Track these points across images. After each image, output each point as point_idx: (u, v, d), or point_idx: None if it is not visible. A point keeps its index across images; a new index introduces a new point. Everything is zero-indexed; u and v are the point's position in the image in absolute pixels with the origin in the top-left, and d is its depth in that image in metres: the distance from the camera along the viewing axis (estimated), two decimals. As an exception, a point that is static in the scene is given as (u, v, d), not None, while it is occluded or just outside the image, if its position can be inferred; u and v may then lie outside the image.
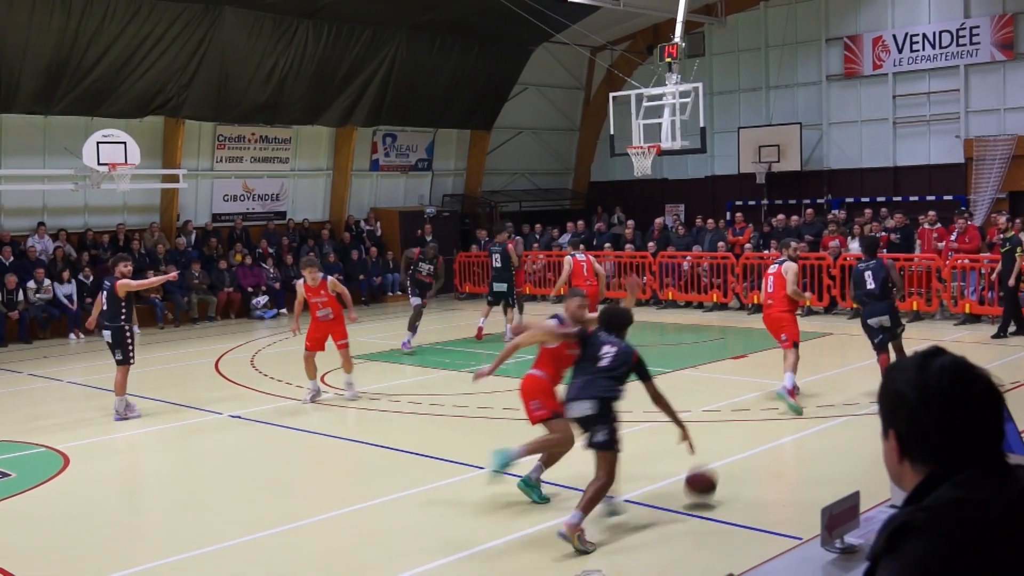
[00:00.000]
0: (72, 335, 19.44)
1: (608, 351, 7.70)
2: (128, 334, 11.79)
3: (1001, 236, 16.39)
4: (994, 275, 16.68)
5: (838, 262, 19.04)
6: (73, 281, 19.90)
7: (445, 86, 25.87)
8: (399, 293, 24.78)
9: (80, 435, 11.00)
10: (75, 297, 19.81)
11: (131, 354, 11.81)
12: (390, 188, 27.21)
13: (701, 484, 7.77)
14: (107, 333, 11.81)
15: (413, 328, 16.27)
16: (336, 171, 25.79)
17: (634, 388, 12.55)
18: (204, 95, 22.08)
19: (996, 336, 15.75)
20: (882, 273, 11.65)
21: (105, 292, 11.82)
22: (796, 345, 11.37)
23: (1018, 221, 17.66)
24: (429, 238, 25.38)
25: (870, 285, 11.58)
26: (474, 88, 26.48)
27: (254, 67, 22.27)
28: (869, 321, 11.62)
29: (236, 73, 22.12)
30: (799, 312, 12.33)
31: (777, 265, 11.65)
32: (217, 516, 8.11)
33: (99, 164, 18.84)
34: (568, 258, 16.53)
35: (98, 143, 18.87)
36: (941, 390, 2.06)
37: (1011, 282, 15.40)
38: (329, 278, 12.56)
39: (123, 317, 11.73)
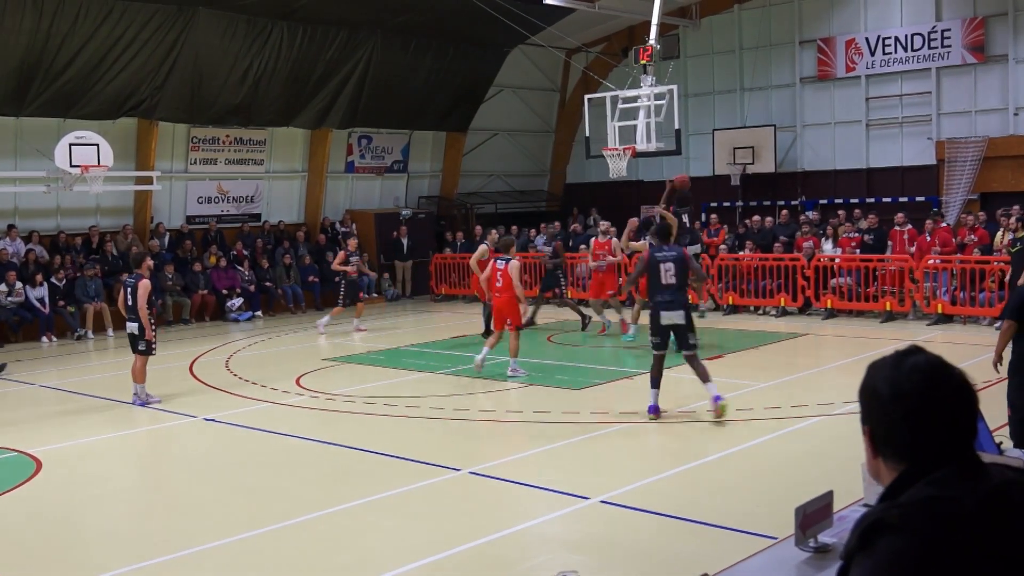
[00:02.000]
0: (44, 338, 19.28)
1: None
2: (153, 326, 12.65)
3: (1012, 236, 16.27)
4: (1007, 278, 16.44)
5: (812, 263, 19.16)
6: (45, 284, 19.72)
7: (420, 88, 25.83)
8: (375, 295, 24.73)
9: (52, 439, 10.91)
10: (47, 300, 19.63)
11: (154, 345, 12.65)
12: (365, 190, 27.14)
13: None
14: (133, 325, 12.58)
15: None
16: (311, 173, 25.69)
17: (608, 392, 12.63)
18: (178, 97, 21.93)
19: None
20: (682, 264, 10.72)
21: (128, 289, 12.63)
22: (518, 329, 13.74)
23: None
24: (405, 240, 25.40)
25: (668, 279, 10.63)
26: (449, 90, 26.46)
27: (228, 69, 22.15)
28: (662, 316, 10.64)
29: (210, 74, 21.98)
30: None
31: (504, 263, 13.73)
32: (191, 520, 8.07)
33: (71, 166, 18.68)
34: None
35: (70, 145, 18.70)
36: (913, 389, 2.08)
37: (1021, 281, 15.30)
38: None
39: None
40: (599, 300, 17.72)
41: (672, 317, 10.58)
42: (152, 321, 12.67)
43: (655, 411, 10.66)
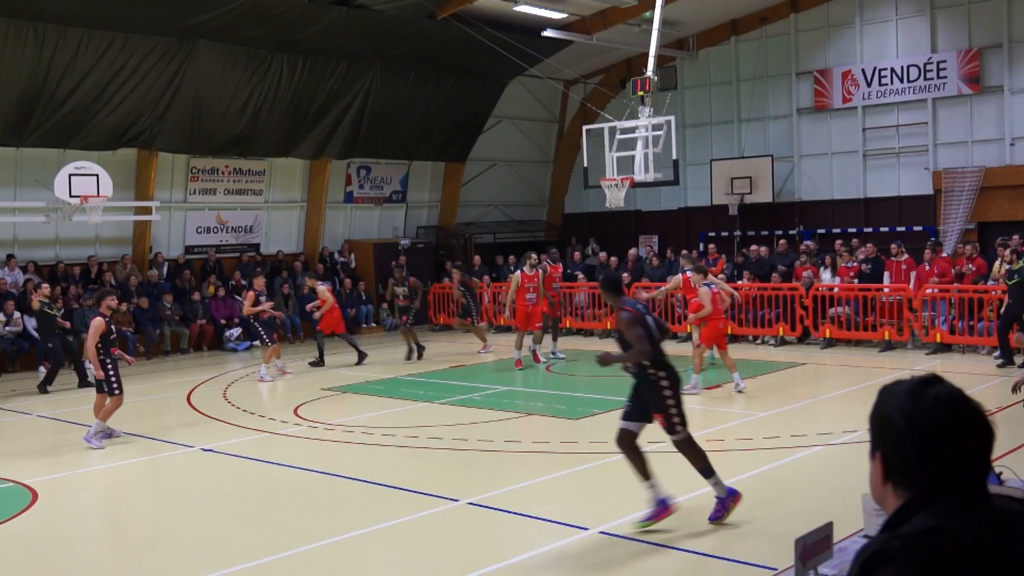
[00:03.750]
0: (41, 367, 19.23)
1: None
2: (110, 367, 12.05)
3: (1008, 267, 16.22)
4: (1003, 309, 16.40)
5: (810, 292, 19.18)
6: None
7: (419, 119, 25.95)
8: (373, 325, 24.74)
9: (49, 469, 10.87)
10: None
11: (114, 384, 12.02)
12: (364, 220, 27.21)
13: None
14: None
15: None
16: (310, 203, 25.76)
17: (606, 421, 12.57)
18: (178, 127, 22.03)
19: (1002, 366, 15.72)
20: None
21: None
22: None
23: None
24: (402, 268, 25.37)
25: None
26: (448, 121, 26.58)
27: (228, 100, 22.26)
28: None
29: (210, 106, 22.08)
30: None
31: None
32: (188, 552, 8.02)
33: (71, 196, 18.74)
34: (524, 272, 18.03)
35: (70, 175, 18.78)
36: (932, 421, 2.06)
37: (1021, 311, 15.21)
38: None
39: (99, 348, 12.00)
40: (526, 332, 17.74)
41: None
42: (109, 360, 12.01)
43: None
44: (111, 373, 12.02)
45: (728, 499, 8.08)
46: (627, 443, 8.20)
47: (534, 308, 17.60)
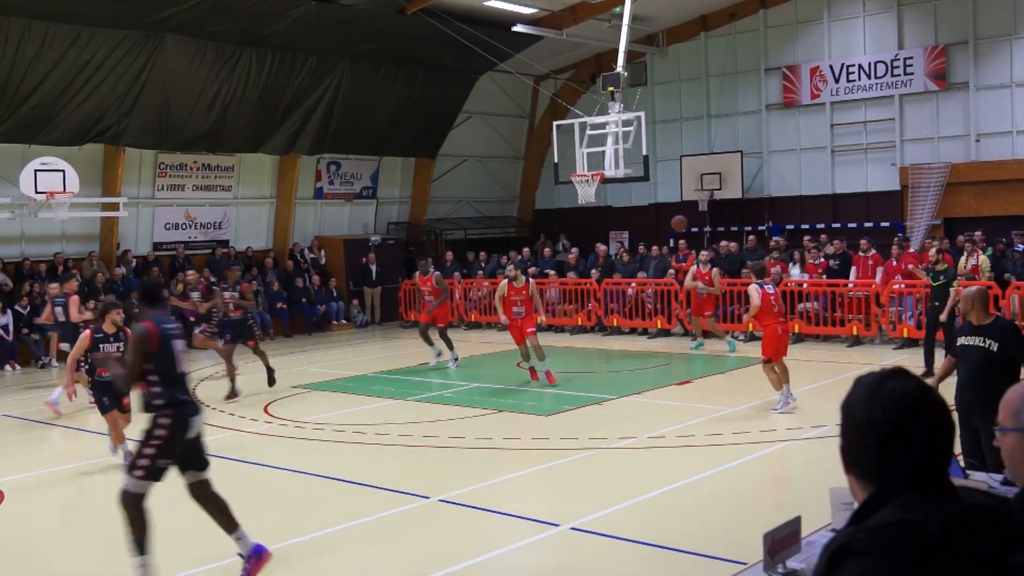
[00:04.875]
0: (7, 366, 19.04)
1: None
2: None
3: (933, 268, 15.14)
4: (921, 312, 16.19)
5: (779, 288, 19.26)
6: (9, 311, 19.50)
7: (389, 114, 25.87)
8: (344, 321, 24.66)
9: (15, 469, 10.76)
10: (11, 327, 19.40)
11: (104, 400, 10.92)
12: (334, 216, 27.10)
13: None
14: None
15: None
16: (280, 199, 25.61)
17: (577, 418, 12.62)
18: (145, 123, 21.82)
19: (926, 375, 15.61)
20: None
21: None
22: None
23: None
24: (374, 266, 25.31)
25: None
26: (418, 116, 26.51)
27: (196, 95, 22.08)
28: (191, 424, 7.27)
29: (178, 101, 21.90)
30: None
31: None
32: (160, 551, 7.95)
33: (37, 192, 18.55)
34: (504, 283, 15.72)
35: (36, 171, 18.58)
36: (884, 416, 2.08)
37: (944, 316, 14.28)
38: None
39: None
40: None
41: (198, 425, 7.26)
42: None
43: None
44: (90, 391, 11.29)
45: (254, 559, 6.84)
46: (202, 495, 7.07)
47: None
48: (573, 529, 7.91)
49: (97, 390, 10.65)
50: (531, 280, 15.65)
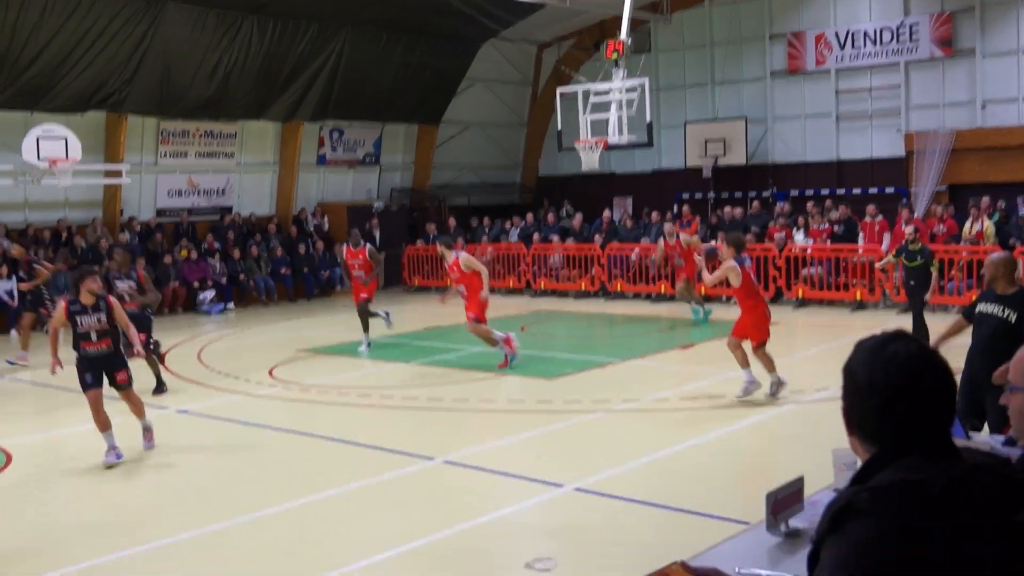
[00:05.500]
0: (13, 331, 19.09)
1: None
2: None
3: (907, 248, 14.09)
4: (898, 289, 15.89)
5: (783, 253, 19.31)
6: (14, 277, 19.53)
7: (392, 81, 25.78)
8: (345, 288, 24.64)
9: (23, 432, 10.84)
10: (15, 293, 19.44)
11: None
12: (337, 183, 27.07)
13: None
14: None
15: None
16: (282, 166, 25.59)
17: (581, 380, 12.67)
18: (147, 90, 21.78)
19: None
20: None
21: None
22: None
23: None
24: (377, 232, 25.32)
25: None
26: (421, 83, 26.41)
27: (198, 62, 22.01)
28: None
29: (179, 68, 21.84)
30: None
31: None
32: (165, 512, 8.04)
33: (39, 159, 18.54)
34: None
35: (38, 138, 18.57)
36: (887, 379, 2.10)
37: (928, 297, 13.77)
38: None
39: None
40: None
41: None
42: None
43: None
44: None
45: None
46: None
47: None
48: (578, 490, 7.97)
49: (80, 365, 9.46)
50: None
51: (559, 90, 21.34)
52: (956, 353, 7.28)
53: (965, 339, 7.62)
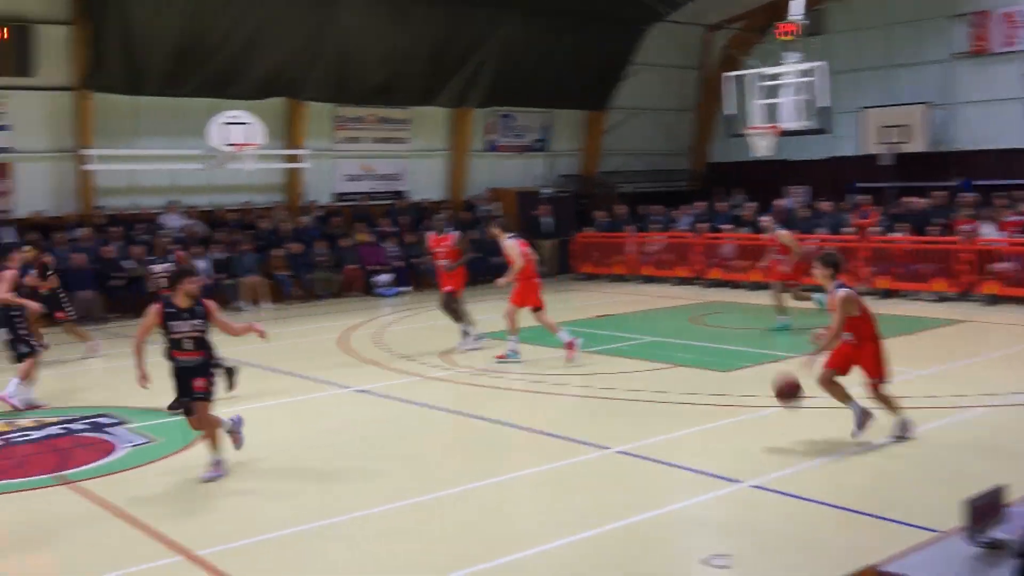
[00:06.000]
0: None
1: None
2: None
3: None
4: None
5: (972, 247, 18.37)
6: (206, 258, 20.53)
7: (559, 67, 25.85)
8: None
9: (217, 404, 11.35)
10: (209, 272, 20.40)
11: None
12: (507, 168, 27.36)
13: (788, 391, 8.86)
14: None
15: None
16: (454, 152, 26.05)
17: (756, 375, 12.43)
18: (324, 77, 22.63)
19: None
20: None
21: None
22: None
23: None
24: (547, 219, 25.44)
25: None
26: (588, 68, 26.37)
27: (371, 49, 22.70)
28: None
29: (354, 55, 22.64)
30: None
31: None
32: (345, 487, 8.31)
33: (225, 144, 19.42)
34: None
35: (224, 124, 19.44)
36: None
37: None
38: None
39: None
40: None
41: None
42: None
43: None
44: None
45: None
46: None
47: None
48: (755, 487, 7.85)
49: (175, 376, 8.58)
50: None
51: (728, 74, 20.95)
52: None
53: None
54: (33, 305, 12.17)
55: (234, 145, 19.50)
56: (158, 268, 11.93)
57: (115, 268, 19.53)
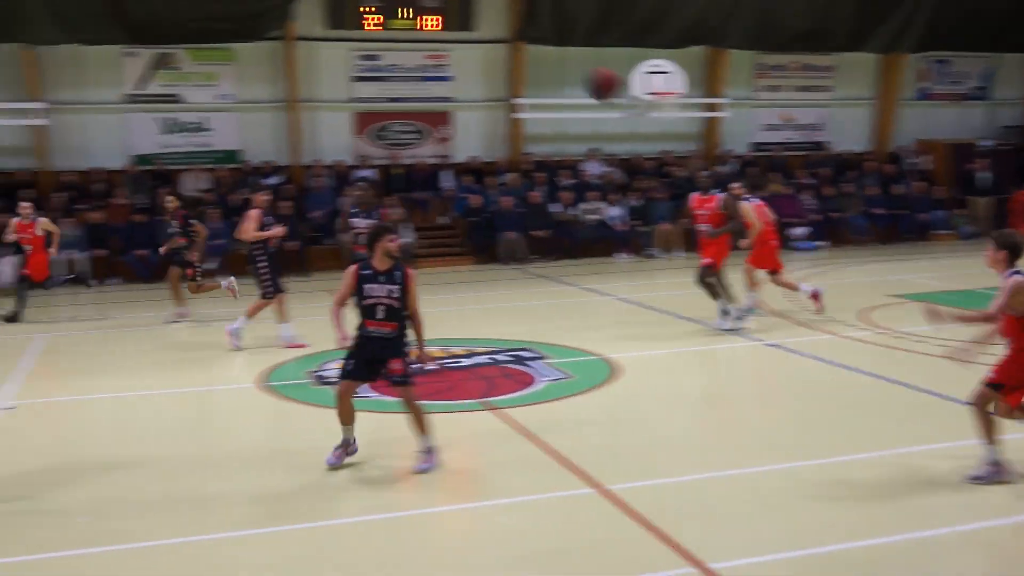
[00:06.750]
0: (621, 254, 20.66)
1: None
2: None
3: None
4: None
5: None
6: (622, 204, 21.11)
7: (1005, 4, 23.51)
8: (945, 232, 23.11)
9: (625, 348, 11.71)
10: (624, 219, 20.98)
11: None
12: (939, 118, 25.44)
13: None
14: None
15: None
16: (880, 100, 24.67)
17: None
18: (746, 24, 22.29)
19: None
20: None
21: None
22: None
23: None
24: (984, 174, 23.42)
25: None
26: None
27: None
28: None
29: (778, 0, 22.03)
30: None
31: None
32: (747, 439, 8.26)
33: (647, 93, 19.70)
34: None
35: (646, 73, 19.70)
36: None
37: None
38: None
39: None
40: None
41: None
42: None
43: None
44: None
45: None
46: None
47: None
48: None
49: (356, 345, 7.59)
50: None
51: None
52: None
53: None
54: (277, 231, 12.28)
55: (655, 94, 19.74)
56: (361, 223, 11.63)
57: (541, 213, 20.63)
